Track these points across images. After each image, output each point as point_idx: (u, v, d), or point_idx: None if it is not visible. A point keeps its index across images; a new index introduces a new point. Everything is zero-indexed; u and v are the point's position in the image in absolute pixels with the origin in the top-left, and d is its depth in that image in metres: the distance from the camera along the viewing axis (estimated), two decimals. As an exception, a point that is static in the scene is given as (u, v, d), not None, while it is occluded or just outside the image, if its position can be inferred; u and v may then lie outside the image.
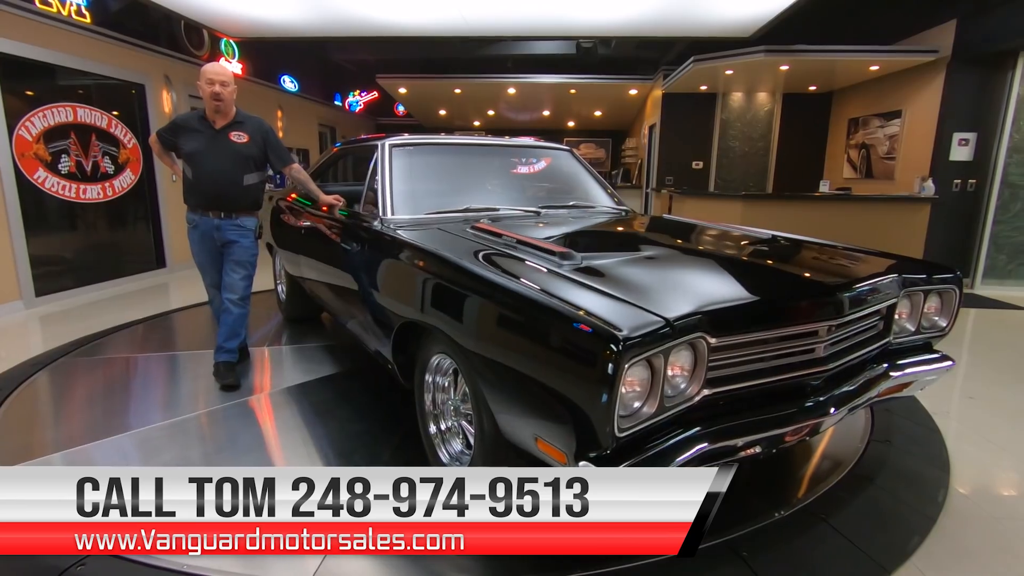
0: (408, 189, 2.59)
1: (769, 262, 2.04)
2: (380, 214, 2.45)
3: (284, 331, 4.18)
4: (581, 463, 1.29)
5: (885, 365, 1.89)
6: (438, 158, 2.94)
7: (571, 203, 2.93)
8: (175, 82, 6.30)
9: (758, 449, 1.49)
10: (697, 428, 1.43)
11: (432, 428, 2.08)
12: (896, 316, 1.93)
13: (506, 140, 3.22)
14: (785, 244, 2.29)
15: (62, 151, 5.00)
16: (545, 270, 1.66)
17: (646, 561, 1.67)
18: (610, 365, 1.19)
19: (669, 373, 1.38)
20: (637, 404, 1.33)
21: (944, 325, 2.07)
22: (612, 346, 1.19)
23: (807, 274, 1.88)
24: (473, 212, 2.52)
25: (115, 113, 5.56)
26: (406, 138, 2.85)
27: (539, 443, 1.46)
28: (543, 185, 3.23)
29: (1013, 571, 1.75)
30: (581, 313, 1.33)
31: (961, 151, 6.14)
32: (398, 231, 2.27)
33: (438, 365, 2.03)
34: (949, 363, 2.01)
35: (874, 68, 6.80)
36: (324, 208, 3.07)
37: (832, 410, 1.62)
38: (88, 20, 5.18)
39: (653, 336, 1.26)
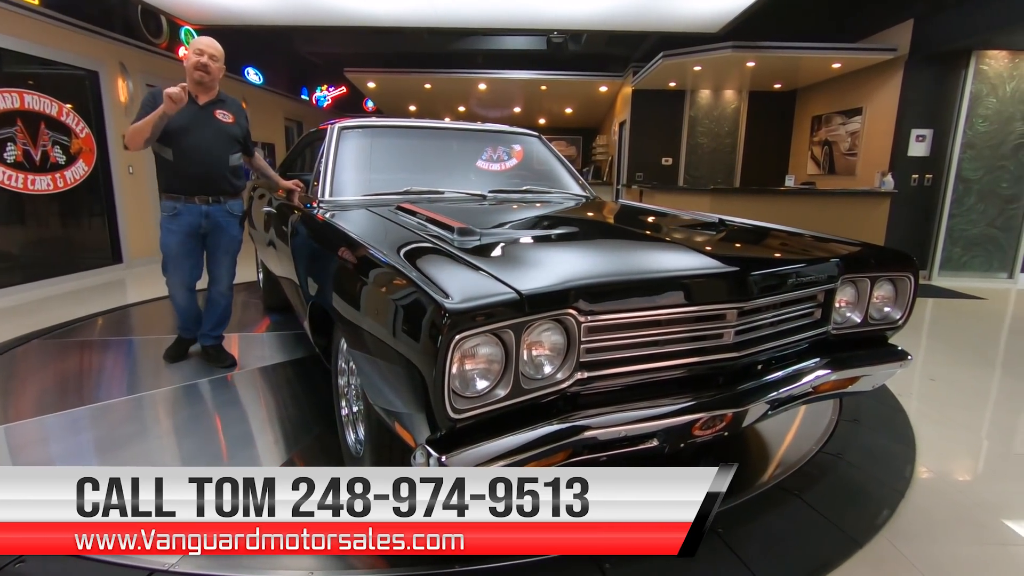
0: (349, 171, 2.53)
1: (690, 242, 1.78)
2: (318, 196, 2.39)
3: (261, 318, 4.18)
4: (419, 448, 1.21)
5: (818, 359, 1.71)
6: (389, 141, 2.85)
7: (524, 188, 2.82)
8: (131, 71, 6.05)
9: (655, 442, 1.39)
10: (565, 415, 1.31)
11: (344, 410, 2.01)
12: (837, 304, 1.78)
13: (466, 124, 3.16)
14: (725, 228, 2.05)
15: (7, 139, 4.74)
16: (430, 245, 1.55)
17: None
18: (439, 337, 1.09)
19: (534, 352, 1.29)
20: (484, 384, 1.22)
21: (897, 317, 1.88)
22: (440, 316, 1.10)
23: (720, 253, 1.64)
24: (413, 194, 2.44)
25: (70, 106, 5.30)
26: (357, 121, 2.79)
27: (397, 426, 1.38)
28: (502, 170, 3.14)
29: (977, 539, 1.79)
30: (422, 281, 1.22)
31: (918, 147, 6.35)
32: (326, 213, 2.20)
33: (347, 348, 1.94)
34: (902, 360, 1.84)
35: (836, 66, 6.98)
36: (280, 192, 3.00)
37: (746, 404, 1.48)
38: (36, 2, 4.93)
39: (494, 308, 1.15)
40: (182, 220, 2.78)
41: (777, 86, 8.42)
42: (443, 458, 1.15)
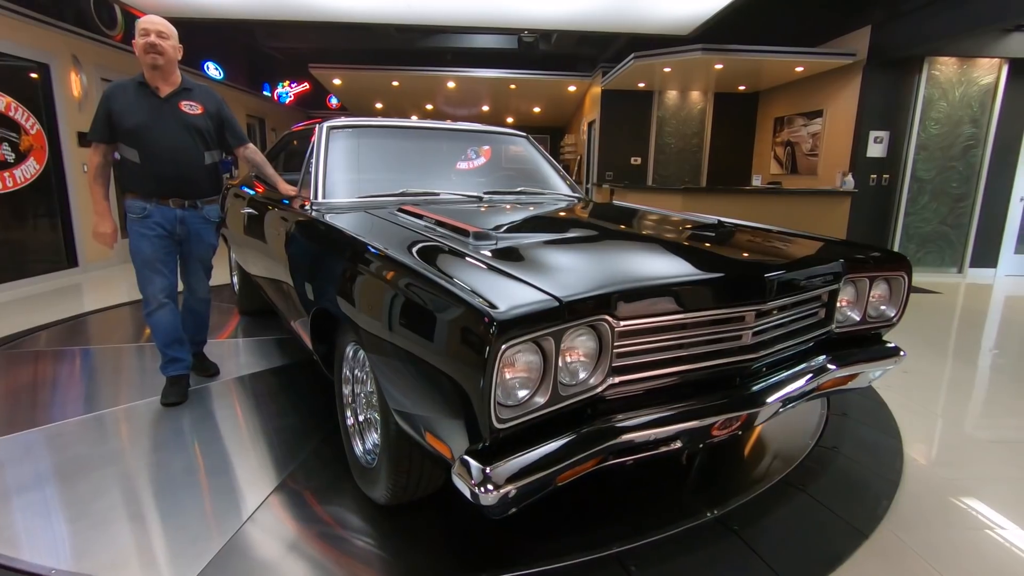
0: (342, 172, 2.46)
1: (702, 245, 1.84)
2: (311, 198, 2.32)
3: (237, 324, 4.00)
4: (458, 460, 1.19)
5: (824, 356, 1.77)
6: (379, 141, 2.77)
7: (519, 189, 2.84)
8: (84, 63, 5.73)
9: (679, 444, 1.41)
10: (601, 421, 1.31)
11: (350, 420, 1.96)
12: (839, 304, 1.85)
13: (456, 124, 3.11)
14: (726, 228, 2.11)
15: (-49, 135, 4.42)
16: (450, 250, 1.53)
17: (641, 542, 1.66)
18: (486, 347, 1.07)
19: (568, 359, 1.28)
20: (524, 392, 1.21)
21: (892, 315, 1.97)
22: (487, 326, 1.08)
23: (736, 257, 1.72)
24: (409, 196, 2.41)
25: (16, 100, 4.98)
26: (346, 120, 2.71)
27: (428, 436, 1.36)
28: (494, 171, 3.12)
29: (969, 523, 1.87)
30: (463, 291, 1.20)
31: (876, 148, 6.65)
32: (324, 215, 2.14)
33: (354, 356, 1.89)
34: (896, 356, 1.92)
35: (799, 69, 7.22)
36: (261, 188, 2.90)
37: (764, 403, 1.51)
38: (-20, -12, 4.61)
39: (537, 316, 1.14)
40: (153, 222, 2.48)
41: (741, 88, 8.66)
42: (487, 469, 1.13)
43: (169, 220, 2.52)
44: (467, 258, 1.45)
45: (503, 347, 1.08)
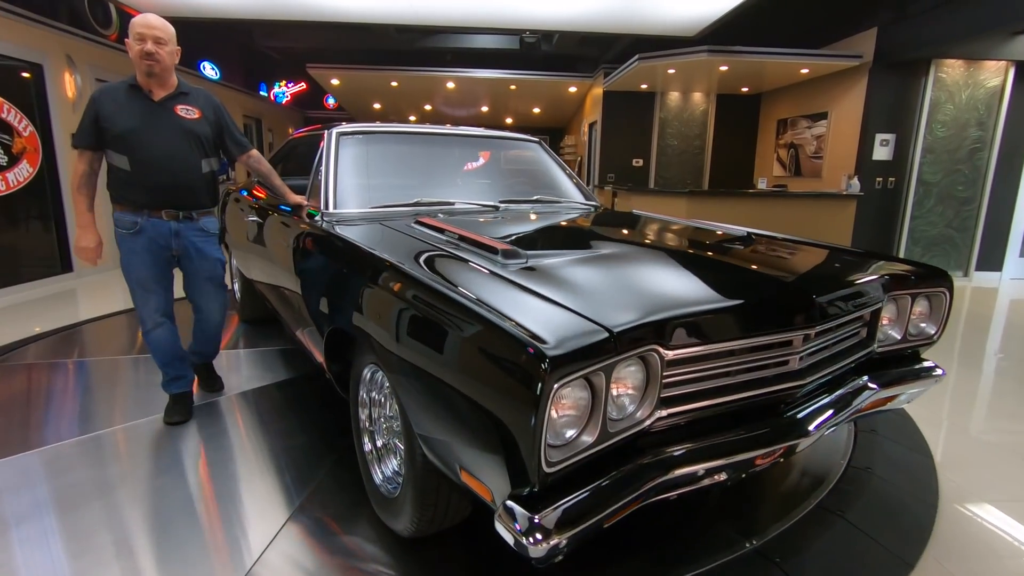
0: (353, 181, 2.36)
1: (739, 263, 1.77)
2: (321, 208, 2.22)
3: (239, 333, 3.87)
4: (502, 507, 1.10)
5: (867, 377, 1.70)
6: (391, 148, 2.68)
7: (535, 198, 2.75)
8: (79, 63, 5.59)
9: (723, 476, 1.32)
10: (648, 456, 1.23)
11: (367, 445, 1.86)
12: (881, 322, 1.78)
13: (469, 130, 3.01)
14: (759, 243, 2.04)
15: (-59, 138, 4.28)
16: (480, 269, 1.45)
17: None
18: (537, 385, 0.98)
19: (614, 392, 1.19)
20: (572, 432, 1.12)
21: (932, 332, 1.90)
22: (537, 362, 0.99)
23: (780, 277, 1.63)
24: (424, 206, 2.32)
25: (7, 102, 4.84)
26: (356, 126, 2.61)
27: (463, 475, 1.26)
28: (507, 178, 3.05)
29: (1011, 550, 1.80)
30: (506, 322, 1.11)
31: (882, 151, 6.59)
32: (335, 226, 2.05)
33: (371, 378, 1.79)
34: (938, 373, 1.86)
35: (804, 71, 7.16)
36: (261, 193, 2.82)
37: (810, 430, 1.43)
38: (-30, -13, 4.47)
39: (591, 350, 1.05)
40: (146, 237, 2.30)
41: (744, 90, 8.60)
42: (536, 518, 1.04)
43: (163, 234, 2.33)
44: (499, 279, 1.36)
45: (555, 385, 0.99)
